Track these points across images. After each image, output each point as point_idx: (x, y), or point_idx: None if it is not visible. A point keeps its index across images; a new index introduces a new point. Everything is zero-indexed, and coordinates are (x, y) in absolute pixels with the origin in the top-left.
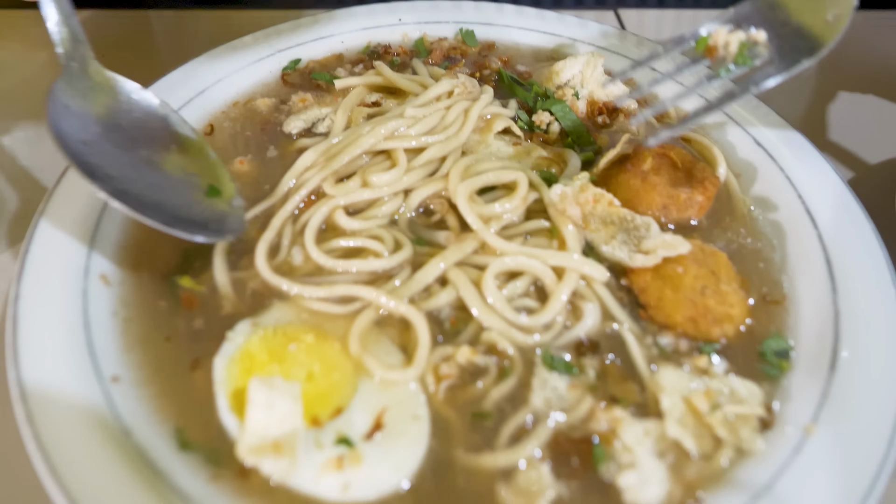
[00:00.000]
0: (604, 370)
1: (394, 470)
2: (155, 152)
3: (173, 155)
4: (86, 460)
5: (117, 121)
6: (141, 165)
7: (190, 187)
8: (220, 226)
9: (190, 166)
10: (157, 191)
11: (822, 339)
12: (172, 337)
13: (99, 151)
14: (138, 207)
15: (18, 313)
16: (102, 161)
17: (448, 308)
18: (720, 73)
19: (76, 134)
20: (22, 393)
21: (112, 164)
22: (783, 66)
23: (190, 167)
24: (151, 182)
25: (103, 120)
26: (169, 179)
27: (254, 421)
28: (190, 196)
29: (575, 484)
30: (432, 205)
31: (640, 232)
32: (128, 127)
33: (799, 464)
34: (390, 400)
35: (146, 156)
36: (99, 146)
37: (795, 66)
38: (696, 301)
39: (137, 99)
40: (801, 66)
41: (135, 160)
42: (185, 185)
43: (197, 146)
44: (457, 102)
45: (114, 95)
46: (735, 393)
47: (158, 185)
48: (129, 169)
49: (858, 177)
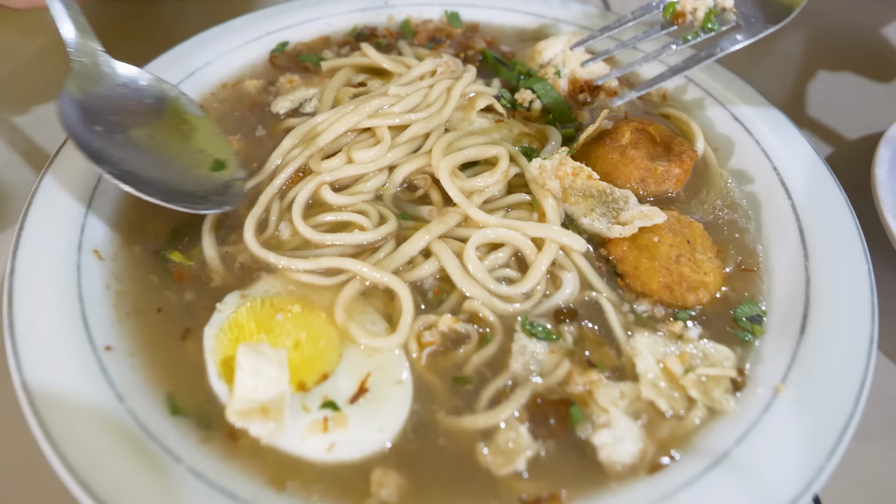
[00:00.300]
0: (582, 336)
1: (377, 431)
2: (164, 132)
3: (181, 134)
4: (80, 425)
5: (126, 107)
6: (150, 146)
7: (196, 163)
8: (221, 197)
9: (197, 143)
10: (165, 169)
11: (793, 304)
12: (163, 309)
13: (108, 138)
14: (144, 188)
15: (14, 287)
16: (111, 146)
17: (431, 279)
18: (687, 39)
19: (86, 124)
20: (18, 362)
21: (120, 149)
22: (749, 32)
23: (197, 144)
24: (159, 161)
25: (113, 108)
26: (176, 157)
27: (242, 386)
28: (196, 171)
29: (552, 443)
30: (416, 180)
31: (619, 204)
32: (138, 111)
33: (768, 421)
34: (374, 366)
35: (155, 136)
36: (108, 133)
37: (761, 31)
38: (671, 269)
39: (146, 85)
40: (766, 31)
41: (144, 142)
42: (191, 161)
43: (203, 123)
44: (439, 81)
45: (123, 83)
46: (708, 356)
47: (166, 164)
48: (137, 151)
49: (837, 152)
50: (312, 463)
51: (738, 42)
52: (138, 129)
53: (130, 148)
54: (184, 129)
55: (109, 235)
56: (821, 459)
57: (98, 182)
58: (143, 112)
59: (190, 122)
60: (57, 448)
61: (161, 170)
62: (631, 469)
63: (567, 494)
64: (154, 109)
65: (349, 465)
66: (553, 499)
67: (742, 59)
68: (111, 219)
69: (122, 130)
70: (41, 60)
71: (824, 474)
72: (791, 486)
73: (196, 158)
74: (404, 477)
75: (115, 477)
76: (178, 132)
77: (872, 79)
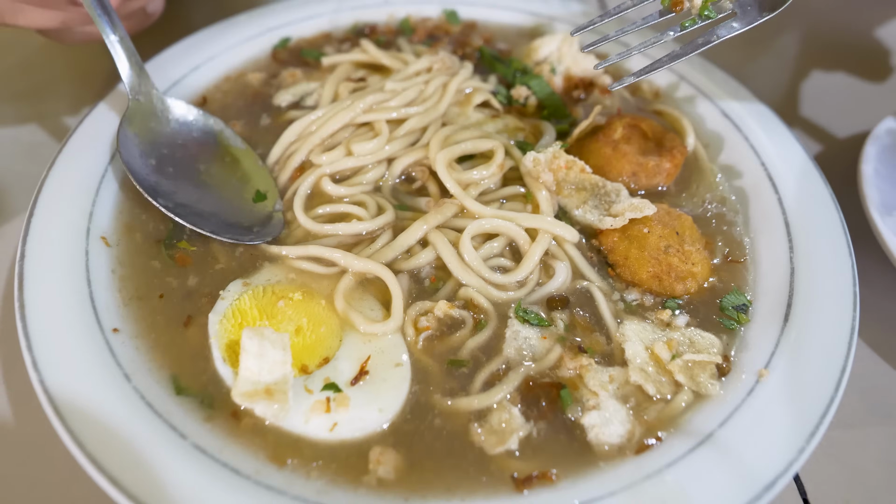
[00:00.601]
0: (573, 323)
1: (378, 411)
2: (210, 165)
3: (227, 165)
4: (89, 402)
5: (177, 140)
6: (198, 179)
7: (241, 194)
8: (263, 228)
9: (241, 174)
10: (214, 201)
11: (778, 294)
12: (166, 294)
13: (162, 172)
14: (195, 220)
15: (24, 271)
16: (165, 180)
17: (428, 267)
18: (685, 26)
19: (143, 158)
20: (28, 343)
21: (174, 182)
22: (746, 20)
23: (242, 175)
24: (208, 193)
25: (165, 142)
26: (223, 189)
27: (247, 368)
28: (241, 203)
29: (543, 424)
30: (414, 172)
31: (611, 197)
32: (187, 145)
33: (751, 405)
34: (374, 350)
35: (203, 169)
36: (162, 167)
37: (757, 19)
38: (660, 259)
39: (194, 119)
40: (762, 19)
41: (193, 175)
42: (237, 193)
43: (246, 156)
44: (436, 77)
45: (174, 119)
46: (695, 343)
47: (215, 196)
48: (189, 184)
49: (827, 149)
50: (313, 441)
51: (734, 30)
52: (188, 162)
53: (182, 181)
54: (228, 161)
55: (115, 223)
56: (801, 441)
57: (105, 171)
58: (193, 146)
59: (234, 154)
60: (67, 425)
61: (210, 202)
62: (619, 449)
63: (557, 473)
64: (202, 143)
65: (348, 443)
66: (543, 477)
67: (735, 56)
68: (117, 207)
69: (173, 164)
70: (47, 53)
71: (804, 455)
72: (772, 466)
73: (241, 189)
74: (400, 455)
75: (121, 452)
76: (223, 164)
77: (863, 78)
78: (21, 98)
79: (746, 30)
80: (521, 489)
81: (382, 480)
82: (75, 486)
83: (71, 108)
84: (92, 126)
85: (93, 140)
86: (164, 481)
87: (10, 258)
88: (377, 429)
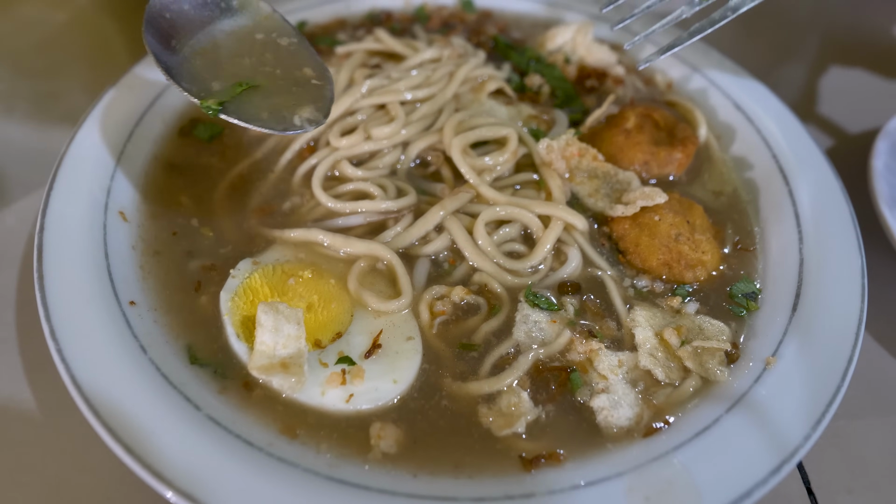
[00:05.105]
0: (583, 308)
1: (392, 382)
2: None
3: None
4: (108, 374)
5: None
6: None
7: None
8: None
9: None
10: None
11: (787, 283)
12: (182, 268)
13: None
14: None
15: (43, 243)
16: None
17: (445, 252)
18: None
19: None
20: (47, 312)
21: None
22: None
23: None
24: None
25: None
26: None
27: (262, 343)
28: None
29: (552, 406)
30: (429, 157)
31: (623, 185)
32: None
33: (758, 391)
34: (385, 324)
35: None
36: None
37: None
38: (670, 247)
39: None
40: None
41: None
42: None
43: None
44: (443, 65)
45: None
46: (704, 330)
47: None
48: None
49: (838, 144)
50: (321, 414)
51: (747, 2)
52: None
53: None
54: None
55: (134, 199)
56: (807, 428)
57: (124, 147)
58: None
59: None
60: (84, 394)
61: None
62: (627, 432)
63: (565, 453)
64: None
65: (354, 417)
66: (551, 457)
67: (750, 52)
68: (136, 182)
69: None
70: (66, 32)
71: (810, 442)
72: (778, 452)
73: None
74: (401, 430)
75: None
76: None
77: (876, 75)
78: (40, 76)
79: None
80: (528, 469)
81: (387, 455)
82: (91, 453)
83: (89, 87)
84: (110, 104)
85: (112, 117)
86: (179, 453)
87: (28, 231)
88: (393, 400)
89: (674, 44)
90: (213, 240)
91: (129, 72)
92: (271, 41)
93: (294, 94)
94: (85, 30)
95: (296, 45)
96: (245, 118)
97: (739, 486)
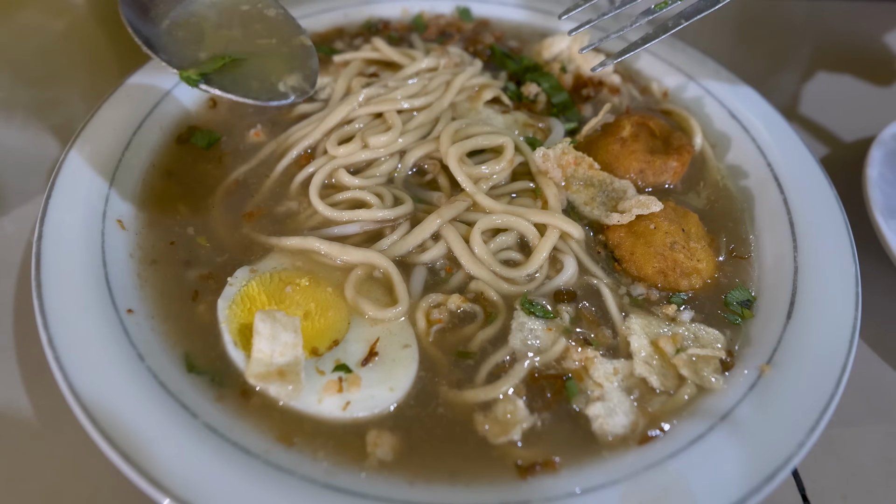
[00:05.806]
0: (579, 316)
1: (389, 390)
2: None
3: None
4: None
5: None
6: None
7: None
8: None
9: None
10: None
11: (781, 291)
12: (180, 277)
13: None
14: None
15: (42, 251)
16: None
17: (441, 260)
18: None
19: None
20: (45, 320)
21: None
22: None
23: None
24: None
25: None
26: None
27: (259, 350)
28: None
29: (547, 414)
30: (426, 165)
31: (618, 194)
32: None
33: (753, 399)
34: (382, 332)
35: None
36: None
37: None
38: (665, 255)
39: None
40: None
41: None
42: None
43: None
44: (441, 74)
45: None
46: (699, 338)
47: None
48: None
49: (833, 152)
50: (318, 422)
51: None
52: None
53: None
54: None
55: (132, 207)
56: (801, 435)
57: (122, 156)
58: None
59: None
60: (81, 402)
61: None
62: (622, 439)
63: (560, 461)
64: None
65: (350, 425)
66: (547, 465)
67: (745, 60)
68: (134, 191)
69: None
70: (65, 41)
71: (804, 449)
72: (773, 459)
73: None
74: (397, 438)
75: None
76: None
77: (871, 83)
78: (39, 84)
79: (712, 11)
80: (524, 476)
81: (383, 462)
82: (89, 460)
83: (87, 95)
84: (108, 113)
85: (110, 125)
86: (176, 460)
87: (26, 239)
88: (389, 407)
89: (626, 50)
90: (210, 248)
91: (128, 80)
92: (257, 12)
93: (287, 63)
94: (84, 38)
95: (283, 16)
96: (230, 89)
97: (734, 494)
